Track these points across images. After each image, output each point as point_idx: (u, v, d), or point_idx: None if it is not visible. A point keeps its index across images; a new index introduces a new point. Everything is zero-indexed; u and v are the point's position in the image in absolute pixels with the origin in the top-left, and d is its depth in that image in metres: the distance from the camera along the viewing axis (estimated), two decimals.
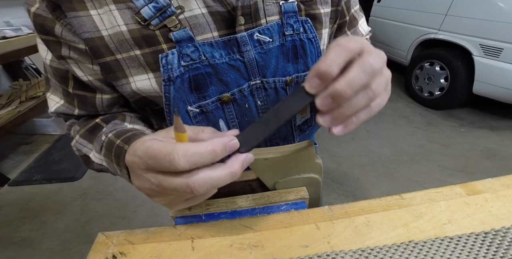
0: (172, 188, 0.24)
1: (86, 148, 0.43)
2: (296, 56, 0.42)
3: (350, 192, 1.78)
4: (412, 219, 0.35)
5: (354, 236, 0.33)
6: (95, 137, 0.41)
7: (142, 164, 0.25)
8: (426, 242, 0.32)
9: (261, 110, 0.43)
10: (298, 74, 0.44)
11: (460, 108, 2.65)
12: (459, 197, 0.38)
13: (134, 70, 0.36)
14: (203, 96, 0.39)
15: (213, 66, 0.37)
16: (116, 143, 0.36)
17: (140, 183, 0.27)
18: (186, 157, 0.23)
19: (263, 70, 0.40)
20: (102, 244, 0.35)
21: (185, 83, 0.37)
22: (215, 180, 0.24)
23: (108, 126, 0.42)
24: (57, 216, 1.67)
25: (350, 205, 0.38)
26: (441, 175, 1.87)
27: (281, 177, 0.41)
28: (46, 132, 2.49)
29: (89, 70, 0.38)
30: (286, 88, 0.43)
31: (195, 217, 0.38)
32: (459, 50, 2.33)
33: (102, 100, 0.42)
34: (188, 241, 0.34)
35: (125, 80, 0.37)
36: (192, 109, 0.39)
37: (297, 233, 0.34)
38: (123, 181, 2.23)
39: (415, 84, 2.81)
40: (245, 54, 0.38)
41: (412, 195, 0.39)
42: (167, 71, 0.36)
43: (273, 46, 0.40)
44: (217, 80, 0.38)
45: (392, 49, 3.14)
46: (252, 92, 0.41)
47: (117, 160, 0.35)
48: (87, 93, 0.41)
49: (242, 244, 0.33)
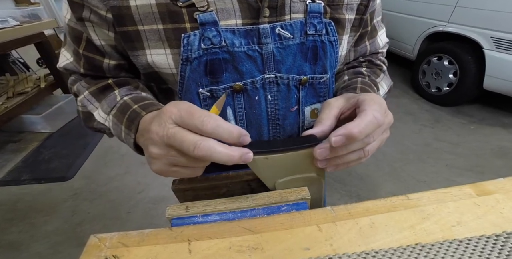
0: (181, 141, 0.29)
1: (92, 105, 0.46)
2: (315, 57, 0.44)
3: (353, 192, 1.79)
4: (419, 221, 0.35)
5: (358, 238, 0.33)
6: (104, 97, 0.45)
7: (176, 114, 0.30)
8: (434, 244, 0.32)
9: (270, 106, 0.45)
10: (314, 76, 0.45)
11: (469, 105, 2.65)
12: (469, 198, 0.38)
13: (152, 43, 0.39)
14: (216, 81, 0.41)
15: (231, 53, 0.40)
16: (133, 107, 0.40)
17: (157, 129, 0.31)
18: (215, 124, 0.29)
19: (278, 65, 0.42)
20: (95, 247, 0.35)
21: (201, 66, 0.40)
22: (215, 152, 0.29)
23: (122, 89, 0.46)
24: (47, 218, 1.67)
25: (354, 205, 0.38)
26: (450, 174, 1.88)
27: (281, 176, 0.41)
28: (35, 129, 2.49)
29: (103, 35, 0.41)
30: (299, 88, 0.45)
31: (192, 219, 0.38)
32: (469, 43, 2.33)
33: (109, 65, 0.45)
34: (185, 243, 0.34)
35: (141, 51, 0.40)
36: (203, 92, 0.42)
37: (298, 235, 0.34)
38: (117, 180, 2.24)
39: (422, 80, 2.81)
40: (264, 46, 0.40)
41: (418, 195, 0.39)
42: (187, 51, 0.38)
43: (292, 43, 0.42)
44: (232, 68, 0.41)
45: (398, 43, 3.14)
46: (264, 86, 0.43)
47: (129, 123, 0.39)
48: (96, 56, 0.44)
49: (241, 247, 0.33)
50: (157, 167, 0.33)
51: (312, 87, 0.47)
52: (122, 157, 2.17)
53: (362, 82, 0.50)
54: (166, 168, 0.33)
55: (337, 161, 0.36)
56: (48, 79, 2.63)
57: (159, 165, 0.33)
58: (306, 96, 0.47)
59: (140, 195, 1.83)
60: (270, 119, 0.46)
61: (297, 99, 0.46)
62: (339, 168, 0.37)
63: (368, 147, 0.35)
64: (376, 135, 0.34)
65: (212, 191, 0.44)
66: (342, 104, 0.39)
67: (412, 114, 2.58)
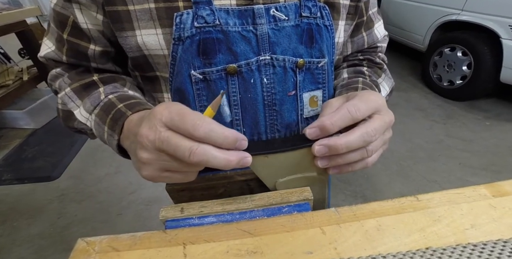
0: (176, 146, 0.29)
1: (73, 103, 0.46)
2: (311, 40, 0.46)
3: (359, 192, 1.80)
4: (429, 223, 0.35)
5: (364, 241, 0.34)
6: (87, 94, 0.45)
7: (166, 116, 0.30)
8: (446, 249, 0.32)
9: (266, 89, 0.45)
10: (311, 60, 0.47)
11: (484, 99, 2.65)
12: (484, 199, 0.38)
13: (143, 23, 0.40)
14: (209, 62, 0.42)
15: (225, 33, 0.41)
16: (118, 106, 0.41)
17: (147, 132, 0.31)
18: (207, 129, 0.29)
19: (273, 46, 0.44)
20: (82, 251, 0.35)
21: (194, 45, 0.41)
22: (211, 157, 0.29)
23: (108, 87, 0.46)
24: (30, 221, 1.68)
25: (360, 207, 0.38)
26: (463, 174, 1.88)
27: (282, 176, 0.41)
28: (17, 125, 2.49)
29: (91, 19, 0.42)
30: (296, 71, 0.46)
31: (188, 221, 0.38)
32: (485, 33, 2.32)
33: (95, 52, 0.46)
34: (180, 247, 0.34)
35: (131, 32, 0.41)
36: (195, 75, 0.42)
37: (300, 238, 0.35)
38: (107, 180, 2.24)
39: (433, 73, 2.81)
40: (258, 27, 0.42)
41: (429, 196, 0.39)
42: (179, 30, 0.40)
43: (287, 25, 0.43)
44: (226, 49, 0.42)
45: (407, 33, 3.13)
46: (259, 68, 0.44)
47: (113, 123, 0.39)
48: (81, 42, 0.45)
49: (240, 250, 0.34)
50: (147, 173, 0.33)
51: (310, 72, 0.48)
52: (112, 156, 2.16)
53: (363, 82, 0.52)
54: (157, 173, 0.33)
55: (337, 160, 0.36)
56: (32, 72, 2.62)
57: (150, 171, 0.33)
58: (304, 81, 0.48)
59: (131, 196, 1.83)
60: (267, 104, 0.46)
61: (295, 83, 0.47)
62: (342, 170, 0.38)
63: (370, 146, 0.36)
64: (375, 131, 0.35)
65: (208, 191, 0.44)
66: (342, 104, 0.40)
67: (422, 110, 2.58)
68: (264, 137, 0.48)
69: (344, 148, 0.34)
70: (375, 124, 0.35)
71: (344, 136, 0.34)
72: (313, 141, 0.36)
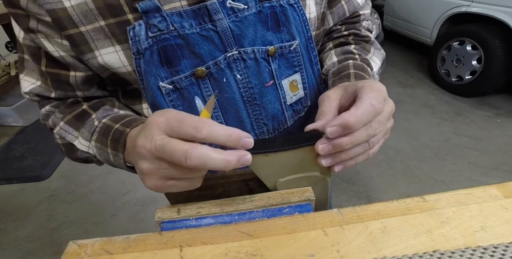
0: (171, 152, 0.29)
1: (71, 135, 0.47)
2: (278, 25, 0.45)
3: (363, 192, 1.80)
4: (436, 225, 0.35)
5: (368, 244, 0.34)
6: (82, 124, 0.46)
7: (163, 123, 0.30)
8: (455, 252, 0.32)
9: (242, 85, 0.45)
10: (282, 44, 0.46)
11: (495, 95, 2.65)
12: (495, 200, 0.38)
13: (99, 43, 0.40)
14: (175, 70, 0.42)
15: (183, 37, 0.41)
16: (115, 127, 0.41)
17: (143, 142, 0.31)
18: (209, 129, 0.29)
19: (239, 40, 0.43)
20: (74, 254, 0.35)
21: (155, 56, 0.41)
22: (209, 159, 0.29)
23: (99, 112, 0.47)
24: (19, 223, 1.68)
25: (363, 208, 0.38)
26: (472, 173, 1.89)
27: (283, 175, 0.41)
28: (4, 122, 2.48)
29: (59, 46, 0.41)
30: (268, 59, 0.46)
31: (184, 222, 0.38)
32: (497, 25, 2.31)
33: (76, 78, 0.45)
34: (176, 249, 0.35)
35: (90, 54, 0.41)
36: (165, 86, 0.42)
37: (301, 240, 0.35)
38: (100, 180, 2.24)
39: (441, 68, 2.81)
40: (217, 23, 0.41)
41: (436, 196, 0.39)
42: (136, 43, 0.40)
43: (249, 14, 0.43)
44: (189, 53, 0.42)
45: (413, 26, 3.12)
46: (229, 65, 0.44)
47: (114, 144, 0.40)
48: (60, 71, 0.44)
49: (239, 253, 0.34)
50: (151, 183, 0.34)
51: (284, 57, 0.47)
52: None
53: (354, 66, 0.50)
54: (161, 183, 0.33)
55: (341, 156, 0.36)
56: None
57: (153, 181, 0.33)
58: (279, 69, 0.48)
59: (126, 196, 1.84)
60: (246, 100, 0.47)
61: (270, 73, 0.47)
62: (346, 165, 0.38)
63: (372, 138, 0.36)
64: (378, 124, 0.34)
65: (206, 191, 0.45)
66: (340, 95, 0.40)
67: (429, 107, 2.58)
68: (252, 133, 0.48)
69: (349, 143, 0.34)
70: (379, 117, 0.35)
71: (348, 133, 0.34)
72: (315, 139, 0.36)
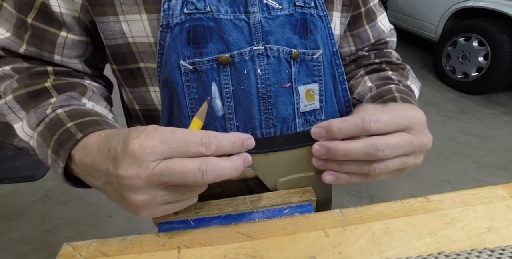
0: (182, 172, 0.27)
1: (14, 115, 0.40)
2: (305, 31, 0.47)
3: (365, 193, 1.81)
4: (441, 226, 0.35)
5: (371, 245, 0.34)
6: (35, 105, 0.39)
7: (159, 147, 0.27)
8: (460, 254, 0.32)
9: (260, 80, 0.46)
10: (306, 51, 0.47)
11: (502, 93, 2.65)
12: (501, 200, 0.38)
13: (127, 8, 0.40)
14: (200, 52, 0.42)
15: (217, 21, 0.41)
16: (67, 125, 0.35)
17: (136, 171, 0.27)
18: (216, 143, 0.28)
19: (267, 36, 0.44)
20: (68, 256, 0.35)
21: (184, 33, 0.41)
22: (222, 169, 0.28)
23: (60, 97, 0.40)
24: (11, 224, 1.67)
25: (366, 208, 0.38)
26: (478, 173, 1.89)
27: (283, 175, 0.41)
28: None
29: (66, 2, 0.40)
30: (290, 61, 0.47)
31: (182, 223, 0.38)
32: (504, 20, 2.31)
33: (66, 40, 0.43)
34: (174, 251, 0.35)
35: (113, 17, 0.40)
36: (185, 65, 0.42)
37: (302, 241, 0.35)
38: None
39: (446, 64, 2.80)
40: (251, 15, 0.43)
41: (441, 197, 0.39)
42: (167, 16, 0.40)
43: (281, 14, 0.45)
44: (218, 38, 0.42)
45: (418, 22, 3.11)
46: (253, 58, 0.44)
47: (57, 146, 0.34)
48: (49, 28, 0.42)
49: (238, 255, 0.34)
50: (146, 213, 0.31)
51: (305, 64, 0.48)
52: None
53: (398, 90, 0.51)
54: (156, 210, 0.31)
55: (333, 165, 0.36)
56: None
57: (149, 211, 0.31)
58: (299, 73, 0.48)
59: None
60: (261, 97, 0.47)
61: (290, 75, 0.47)
62: (340, 178, 0.36)
63: (376, 164, 0.33)
64: (385, 146, 0.32)
65: (205, 191, 0.44)
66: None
67: (434, 105, 2.58)
68: (259, 132, 0.48)
69: (342, 154, 0.33)
70: (390, 140, 0.32)
71: (346, 142, 0.33)
72: (312, 141, 0.36)
